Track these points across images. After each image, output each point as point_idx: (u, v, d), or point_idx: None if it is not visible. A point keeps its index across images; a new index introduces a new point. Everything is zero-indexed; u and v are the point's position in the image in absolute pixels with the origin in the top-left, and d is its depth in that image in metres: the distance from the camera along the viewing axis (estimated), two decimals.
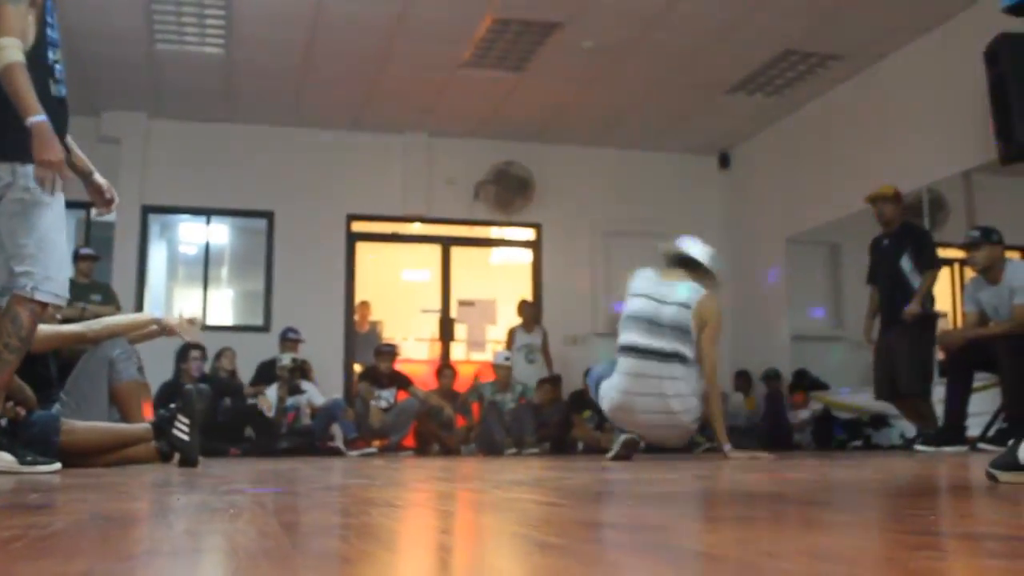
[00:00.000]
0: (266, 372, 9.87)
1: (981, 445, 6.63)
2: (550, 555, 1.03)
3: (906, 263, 7.39)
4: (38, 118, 3.49)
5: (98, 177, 4.24)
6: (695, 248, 5.95)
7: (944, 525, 1.44)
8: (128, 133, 10.70)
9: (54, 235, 3.66)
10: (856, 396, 9.48)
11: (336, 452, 9.23)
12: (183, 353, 9.14)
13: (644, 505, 1.78)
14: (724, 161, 12.17)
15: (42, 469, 3.73)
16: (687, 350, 5.59)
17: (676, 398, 5.57)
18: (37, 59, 3.63)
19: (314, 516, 1.67)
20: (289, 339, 9.94)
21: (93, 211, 4.39)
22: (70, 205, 3.88)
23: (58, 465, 3.87)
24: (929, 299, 7.44)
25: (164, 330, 5.17)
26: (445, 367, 10.63)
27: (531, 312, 11.15)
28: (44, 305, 3.67)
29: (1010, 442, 2.30)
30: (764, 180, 11.43)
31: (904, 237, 7.49)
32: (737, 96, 10.31)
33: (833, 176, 10.05)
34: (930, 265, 7.39)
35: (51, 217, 3.65)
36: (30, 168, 3.55)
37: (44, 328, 4.69)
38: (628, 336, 5.71)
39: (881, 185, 7.73)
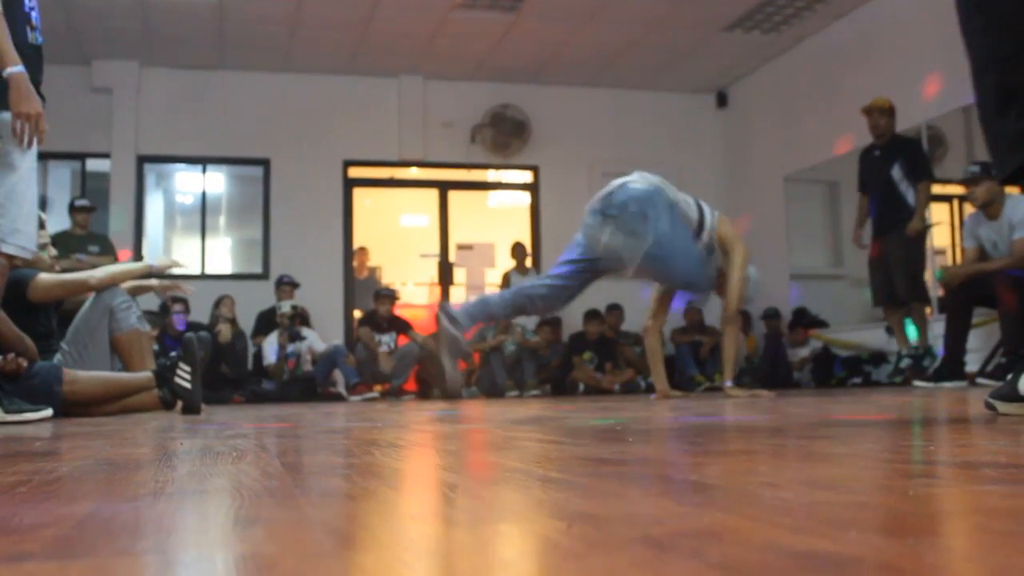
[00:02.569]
0: (266, 321, 9.90)
1: (980, 380, 6.67)
2: (551, 489, 1.04)
3: (896, 173, 7.56)
4: (16, 69, 3.40)
5: None
6: None
7: (942, 455, 1.45)
8: (120, 83, 10.61)
9: (23, 187, 3.57)
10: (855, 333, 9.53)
11: (338, 397, 9.29)
12: (165, 306, 9.15)
13: (644, 441, 1.80)
14: (722, 100, 12.09)
15: (29, 417, 3.74)
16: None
17: None
18: (15, 6, 3.56)
19: (317, 457, 1.68)
20: (285, 285, 9.95)
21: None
22: (64, 156, 3.84)
23: (48, 412, 3.88)
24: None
25: (157, 288, 5.16)
26: None
27: (523, 255, 11.18)
28: (11, 257, 3.61)
29: (1009, 376, 2.31)
30: (762, 119, 11.37)
31: (895, 148, 7.67)
32: (735, 34, 10.22)
33: (831, 114, 10.00)
34: (924, 175, 7.53)
35: (22, 169, 3.57)
36: (5, 115, 3.48)
37: (47, 277, 4.70)
38: None
39: (879, 98, 7.87)
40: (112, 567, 0.64)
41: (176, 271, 5.39)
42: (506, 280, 11.02)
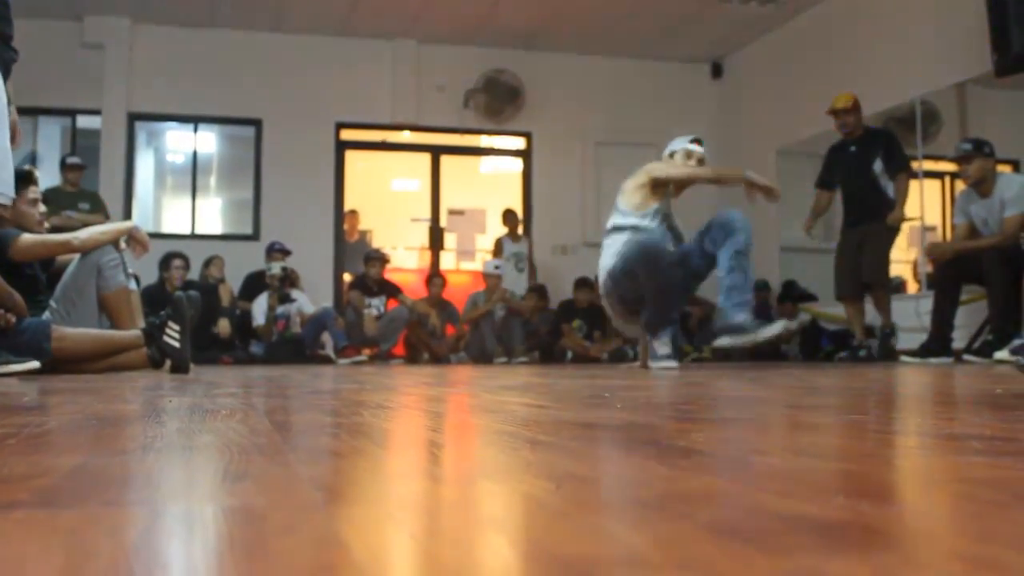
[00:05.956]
0: (255, 284, 9.87)
1: (966, 357, 6.70)
2: (539, 451, 1.04)
3: (878, 166, 7.59)
4: None
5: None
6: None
7: (928, 427, 1.46)
8: (112, 39, 10.51)
9: None
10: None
11: (326, 360, 9.29)
12: (165, 262, 9.14)
13: (632, 408, 1.80)
14: (717, 71, 12.05)
15: (14, 368, 3.73)
16: (618, 219, 5.85)
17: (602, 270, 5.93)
18: None
19: (305, 416, 1.69)
20: (276, 251, 9.93)
21: None
22: (54, 112, 3.78)
23: (35, 364, 3.88)
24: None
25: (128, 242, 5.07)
26: (434, 276, 10.65)
27: (515, 222, 11.16)
28: None
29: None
30: (756, 91, 11.34)
31: (872, 142, 7.67)
32: (732, 4, 10.18)
33: (826, 87, 9.96)
34: (903, 166, 7.58)
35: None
36: None
37: (29, 238, 4.67)
38: None
39: (841, 95, 7.90)
40: (101, 516, 0.64)
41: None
42: (498, 246, 11.01)
